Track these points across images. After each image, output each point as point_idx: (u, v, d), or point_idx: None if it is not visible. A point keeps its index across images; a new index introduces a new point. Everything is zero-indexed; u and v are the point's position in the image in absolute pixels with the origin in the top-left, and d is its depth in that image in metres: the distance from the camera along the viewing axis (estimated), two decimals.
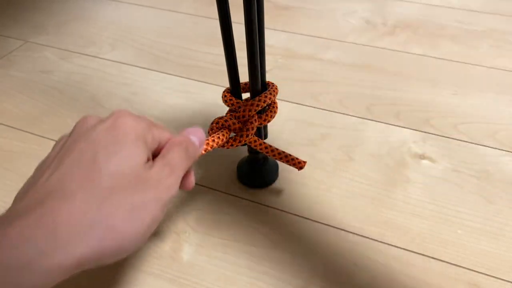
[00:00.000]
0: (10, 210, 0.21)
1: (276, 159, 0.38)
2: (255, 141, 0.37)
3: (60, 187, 0.21)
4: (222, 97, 0.37)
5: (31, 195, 0.21)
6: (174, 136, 0.27)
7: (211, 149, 0.31)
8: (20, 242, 0.19)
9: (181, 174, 0.25)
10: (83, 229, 0.20)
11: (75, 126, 0.25)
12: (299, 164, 0.38)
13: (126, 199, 0.21)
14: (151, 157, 0.24)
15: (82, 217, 0.20)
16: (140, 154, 0.23)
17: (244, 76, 0.36)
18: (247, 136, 0.35)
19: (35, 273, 0.19)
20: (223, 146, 0.34)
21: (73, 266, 0.20)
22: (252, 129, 0.35)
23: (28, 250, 0.18)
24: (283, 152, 0.38)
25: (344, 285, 0.35)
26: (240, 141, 0.35)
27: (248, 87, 0.37)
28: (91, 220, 0.20)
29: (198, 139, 0.28)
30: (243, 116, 0.35)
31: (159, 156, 0.25)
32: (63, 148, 0.23)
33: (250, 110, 0.35)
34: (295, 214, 0.40)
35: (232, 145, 0.35)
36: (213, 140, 0.32)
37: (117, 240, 0.21)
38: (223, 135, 0.34)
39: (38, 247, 0.19)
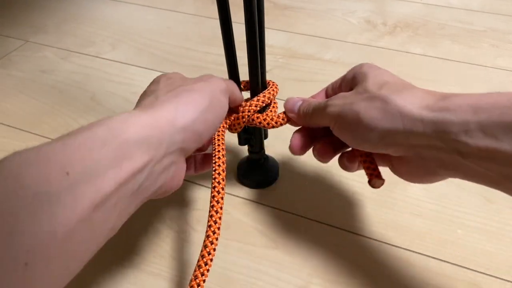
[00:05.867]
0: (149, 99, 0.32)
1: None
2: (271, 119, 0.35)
3: (180, 89, 0.29)
4: None
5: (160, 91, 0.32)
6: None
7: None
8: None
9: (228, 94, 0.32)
10: (198, 110, 0.27)
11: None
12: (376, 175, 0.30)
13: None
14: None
15: (200, 102, 0.28)
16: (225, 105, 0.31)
17: (244, 76, 0.36)
18: (248, 111, 0.35)
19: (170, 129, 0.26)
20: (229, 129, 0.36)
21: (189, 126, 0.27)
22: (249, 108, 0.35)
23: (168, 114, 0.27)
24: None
25: (344, 285, 0.35)
26: (243, 118, 0.35)
27: (249, 86, 0.37)
28: (202, 108, 0.28)
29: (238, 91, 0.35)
30: (243, 117, 0.35)
31: None
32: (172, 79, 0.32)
33: (249, 111, 0.35)
34: (295, 214, 0.40)
35: (238, 124, 0.35)
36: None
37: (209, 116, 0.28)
38: (223, 126, 0.35)
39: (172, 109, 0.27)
